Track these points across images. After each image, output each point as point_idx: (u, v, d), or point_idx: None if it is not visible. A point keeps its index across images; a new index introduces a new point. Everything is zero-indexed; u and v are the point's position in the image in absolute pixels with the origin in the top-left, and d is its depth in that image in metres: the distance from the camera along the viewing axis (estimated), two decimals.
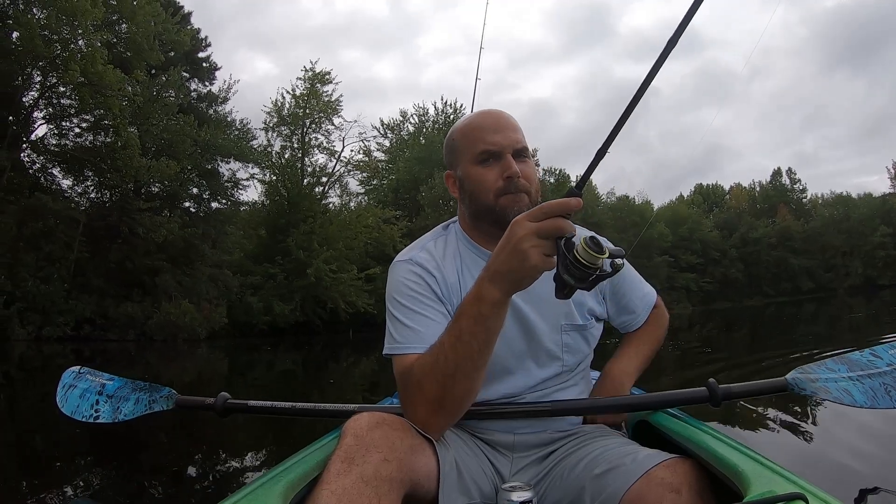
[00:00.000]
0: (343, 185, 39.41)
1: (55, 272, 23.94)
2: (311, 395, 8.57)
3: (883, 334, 10.96)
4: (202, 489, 3.46)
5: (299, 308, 31.16)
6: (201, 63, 33.11)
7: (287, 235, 32.39)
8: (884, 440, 3.45)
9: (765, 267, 65.61)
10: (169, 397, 2.40)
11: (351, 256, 33.46)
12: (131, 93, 24.86)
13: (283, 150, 35.38)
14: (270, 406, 2.12)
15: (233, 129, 32.51)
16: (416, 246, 1.75)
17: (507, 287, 1.30)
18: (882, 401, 1.75)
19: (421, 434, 1.40)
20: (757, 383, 1.92)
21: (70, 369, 2.48)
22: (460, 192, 1.71)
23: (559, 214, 1.20)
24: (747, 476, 1.20)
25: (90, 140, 27.10)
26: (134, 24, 25.81)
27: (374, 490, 1.17)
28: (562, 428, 1.70)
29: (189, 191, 30.80)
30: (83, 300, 24.22)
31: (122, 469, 3.97)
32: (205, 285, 27.71)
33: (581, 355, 1.76)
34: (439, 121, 49.01)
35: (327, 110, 34.51)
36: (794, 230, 66.54)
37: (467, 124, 1.71)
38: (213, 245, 29.69)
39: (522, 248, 1.22)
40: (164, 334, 24.69)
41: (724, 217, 69.84)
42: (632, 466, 1.33)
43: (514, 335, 1.65)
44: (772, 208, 70.49)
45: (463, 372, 1.37)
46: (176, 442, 4.82)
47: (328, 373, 12.80)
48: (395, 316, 1.61)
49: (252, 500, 1.22)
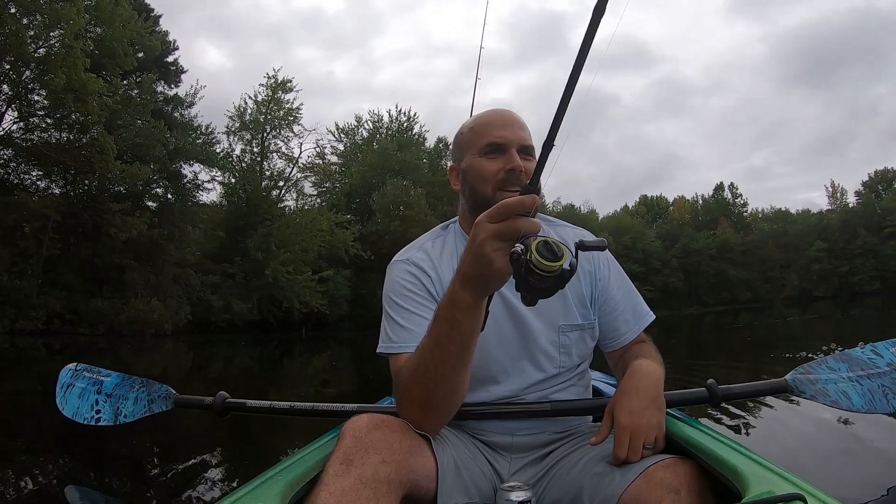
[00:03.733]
0: (299, 189, 42.76)
1: (28, 268, 26.17)
2: (283, 390, 9.21)
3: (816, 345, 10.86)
4: (200, 488, 3.45)
5: (256, 307, 34.49)
6: (169, 66, 35.36)
7: (246, 237, 35.59)
8: (884, 440, 3.44)
9: (704, 277, 70.92)
10: (167, 397, 2.48)
11: (306, 258, 36.81)
12: (109, 100, 27.01)
13: (243, 153, 38.69)
14: (269, 406, 2.18)
15: (198, 134, 35.23)
16: (414, 246, 1.82)
17: (477, 290, 1.29)
18: (879, 405, 1.85)
19: (420, 435, 1.46)
20: (756, 384, 1.99)
21: (67, 367, 2.50)
22: (462, 184, 1.77)
23: (518, 213, 1.18)
24: (746, 476, 1.22)
25: (61, 138, 29.29)
26: (111, 29, 28.05)
27: (372, 491, 1.22)
28: (560, 428, 1.74)
29: (154, 191, 33.42)
30: (54, 295, 26.45)
31: (117, 468, 3.98)
32: (170, 283, 30.59)
33: (580, 356, 1.79)
34: (392, 128, 52.39)
35: (288, 117, 38.01)
36: (734, 243, 72.27)
37: (476, 119, 1.79)
38: (177, 245, 32.44)
39: (485, 253, 1.20)
40: (133, 329, 27.31)
41: (667, 228, 75.00)
42: (630, 466, 1.39)
43: (510, 336, 1.71)
44: (713, 221, 76.32)
45: (443, 375, 1.41)
46: (173, 440, 4.79)
47: (284, 369, 13.99)
48: (390, 315, 1.69)
49: (250, 500, 1.24)
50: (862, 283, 66.04)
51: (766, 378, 2.07)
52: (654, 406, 1.52)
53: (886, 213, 66.26)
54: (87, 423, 2.43)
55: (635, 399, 1.51)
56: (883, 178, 73.02)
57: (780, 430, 4.12)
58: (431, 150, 54.12)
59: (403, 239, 27.85)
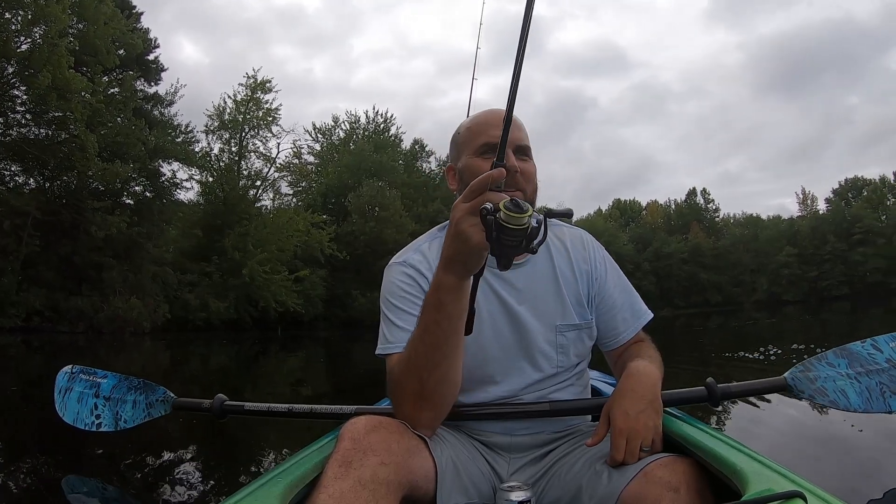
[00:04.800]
0: (276, 189, 43.58)
1: (8, 265, 26.46)
2: (251, 387, 9.19)
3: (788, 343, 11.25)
4: (199, 491, 3.46)
5: (233, 306, 35.29)
6: (150, 64, 35.70)
7: (223, 236, 36.31)
8: (884, 438, 3.49)
9: (676, 280, 72.77)
10: (165, 400, 2.51)
11: (282, 258, 37.65)
12: (92, 98, 27.44)
13: (221, 153, 39.40)
14: (267, 409, 2.22)
15: (178, 132, 35.68)
16: (411, 248, 1.85)
17: (459, 271, 1.36)
18: (876, 404, 1.90)
19: (418, 436, 1.49)
20: (756, 382, 2.03)
21: (63, 370, 2.52)
22: (459, 184, 1.81)
23: (487, 189, 1.25)
24: (746, 474, 1.24)
25: (40, 134, 29.34)
26: (95, 27, 28.38)
27: (371, 494, 1.24)
28: (559, 428, 1.77)
29: (132, 189, 33.64)
30: (33, 292, 26.69)
31: (115, 471, 3.97)
32: (148, 281, 31.21)
33: (577, 356, 1.82)
34: (369, 129, 53.36)
35: (267, 118, 38.86)
36: (705, 247, 74.47)
37: (473, 119, 1.83)
38: (155, 244, 33.15)
39: (462, 230, 1.28)
40: (112, 327, 27.79)
41: (640, 232, 76.92)
42: (630, 465, 1.41)
43: (507, 336, 1.75)
44: (685, 225, 78.62)
45: (433, 362, 1.47)
46: (171, 442, 4.77)
47: (260, 368, 13.96)
48: (387, 316, 1.72)
49: (250, 502, 1.27)
50: (831, 287, 68.40)
51: (767, 376, 2.10)
52: (651, 408, 1.54)
53: (855, 220, 68.77)
54: (87, 428, 2.49)
55: (632, 401, 1.55)
56: (853, 186, 75.37)
57: (779, 428, 4.17)
58: (407, 152, 55.14)
59: (378, 240, 29.13)
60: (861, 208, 70.12)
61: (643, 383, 1.60)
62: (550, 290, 1.80)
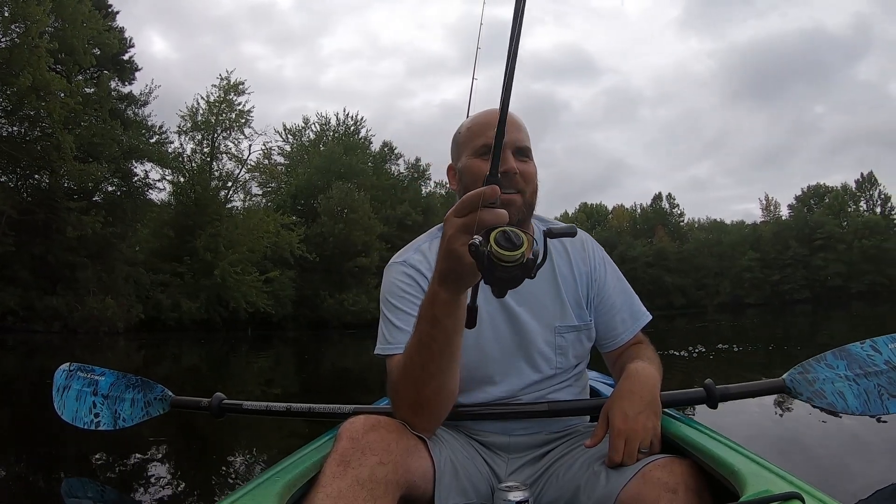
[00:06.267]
0: (247, 190, 44.31)
1: None
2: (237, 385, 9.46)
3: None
4: (198, 490, 3.49)
5: (204, 306, 36.13)
6: (124, 64, 36.16)
7: (194, 237, 36.94)
8: (881, 439, 3.52)
9: (641, 283, 73.39)
10: (164, 398, 2.54)
11: (252, 259, 38.43)
12: (70, 99, 27.84)
13: (193, 154, 39.98)
14: (265, 408, 2.23)
15: (151, 133, 36.09)
16: (411, 248, 1.85)
17: (453, 287, 1.33)
18: (873, 406, 1.93)
19: (417, 435, 1.50)
20: (754, 384, 2.05)
21: (61, 368, 2.56)
22: (458, 184, 1.82)
23: (479, 206, 1.19)
24: (744, 475, 1.25)
25: (13, 132, 29.55)
26: (73, 27, 28.86)
27: (369, 493, 1.25)
28: (557, 428, 1.79)
29: (105, 189, 33.97)
30: (8, 292, 27.00)
31: (113, 470, 3.99)
32: (121, 281, 31.88)
33: (576, 357, 1.84)
34: (339, 131, 54.16)
35: (239, 120, 39.59)
36: (670, 251, 76.41)
37: (473, 120, 1.83)
38: (128, 244, 33.85)
39: (454, 248, 1.24)
40: (87, 327, 28.41)
41: (606, 235, 77.16)
42: (628, 466, 1.43)
43: (506, 337, 1.77)
44: (650, 230, 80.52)
45: (429, 373, 1.46)
46: (170, 441, 4.76)
47: (231, 367, 14.32)
48: (386, 316, 1.74)
49: (248, 501, 1.28)
50: (792, 291, 71.34)
51: (766, 377, 2.14)
52: (650, 410, 1.56)
53: (817, 226, 71.75)
54: (86, 427, 2.50)
55: (630, 403, 1.56)
56: (815, 193, 78.66)
57: (777, 429, 4.20)
58: (376, 155, 55.90)
59: (347, 241, 32.47)
60: (823, 215, 73.22)
61: (642, 384, 1.63)
62: (550, 291, 1.83)
